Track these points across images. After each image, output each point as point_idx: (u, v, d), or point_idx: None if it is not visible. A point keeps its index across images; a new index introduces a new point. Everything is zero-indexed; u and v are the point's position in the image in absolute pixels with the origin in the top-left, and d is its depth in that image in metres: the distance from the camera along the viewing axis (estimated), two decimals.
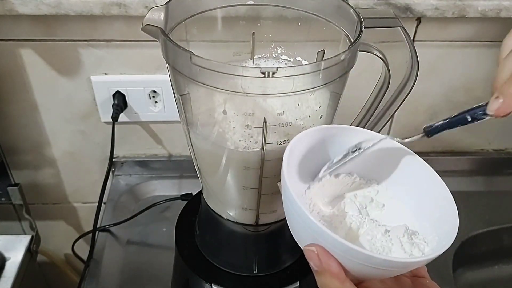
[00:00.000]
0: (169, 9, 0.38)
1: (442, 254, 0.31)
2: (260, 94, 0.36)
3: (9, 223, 0.88)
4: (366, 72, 0.52)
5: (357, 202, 0.39)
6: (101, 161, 0.81)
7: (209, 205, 0.49)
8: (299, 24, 0.46)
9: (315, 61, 0.44)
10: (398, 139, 0.36)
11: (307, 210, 0.30)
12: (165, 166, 0.82)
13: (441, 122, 0.33)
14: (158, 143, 0.81)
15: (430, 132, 0.34)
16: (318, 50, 0.44)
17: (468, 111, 0.31)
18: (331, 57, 0.35)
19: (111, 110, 0.72)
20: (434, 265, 0.34)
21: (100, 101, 0.73)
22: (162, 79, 0.71)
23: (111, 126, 0.72)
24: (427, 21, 0.68)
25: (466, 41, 0.71)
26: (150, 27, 0.37)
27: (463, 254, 0.71)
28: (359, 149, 0.37)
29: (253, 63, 0.49)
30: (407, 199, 0.38)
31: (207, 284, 0.49)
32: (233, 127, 0.40)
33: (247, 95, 0.35)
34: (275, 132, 0.40)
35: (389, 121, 0.62)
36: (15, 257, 0.69)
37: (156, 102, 0.74)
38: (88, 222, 0.90)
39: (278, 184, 0.36)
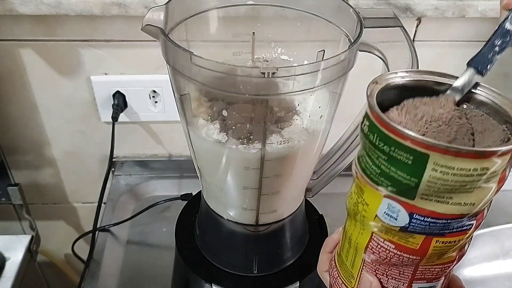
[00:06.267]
0: (169, 9, 0.38)
1: None
2: (260, 94, 0.36)
3: (9, 223, 0.88)
4: (366, 72, 0.52)
5: None
6: (101, 161, 0.81)
7: (209, 205, 0.49)
8: (299, 24, 0.46)
9: (315, 61, 0.44)
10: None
11: None
12: (165, 166, 0.82)
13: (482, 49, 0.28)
14: (158, 143, 0.81)
15: (479, 64, 0.28)
16: (318, 50, 0.44)
17: (499, 25, 0.29)
18: (331, 57, 0.35)
19: (111, 110, 0.72)
20: None
21: (100, 101, 0.73)
22: (162, 79, 0.71)
23: (111, 126, 0.72)
24: (427, 21, 0.68)
25: (466, 41, 0.71)
26: (150, 27, 0.37)
27: None
28: None
29: (253, 63, 0.49)
30: None
31: (207, 284, 0.49)
32: (233, 127, 0.40)
33: (247, 95, 0.35)
34: (275, 132, 0.40)
35: None
36: (15, 257, 0.69)
37: (156, 102, 0.74)
38: (88, 222, 0.90)
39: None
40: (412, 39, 0.68)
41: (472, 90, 0.29)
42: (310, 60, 0.46)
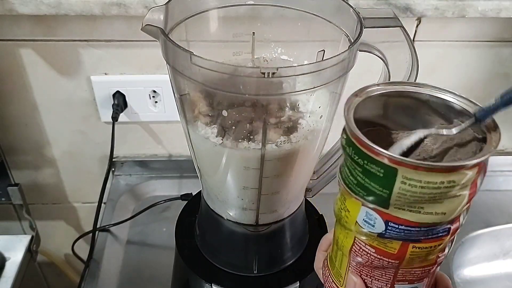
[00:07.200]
0: (169, 9, 0.38)
1: None
2: (260, 95, 0.36)
3: (9, 223, 0.88)
4: (366, 73, 0.52)
5: None
6: (101, 161, 0.81)
7: (209, 205, 0.49)
8: (299, 24, 0.46)
9: (315, 61, 0.44)
10: (445, 131, 0.31)
11: None
12: (165, 166, 0.82)
13: (492, 103, 0.29)
14: (158, 143, 0.81)
15: (481, 116, 0.28)
16: (318, 50, 0.44)
17: None
18: (331, 57, 0.35)
19: (111, 110, 0.72)
20: None
21: (100, 101, 0.73)
22: (162, 79, 0.71)
23: (111, 126, 0.72)
24: (427, 21, 0.68)
25: (466, 41, 0.71)
26: (150, 27, 0.37)
27: (463, 254, 0.71)
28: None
29: (253, 63, 0.49)
30: None
31: (207, 284, 0.49)
32: (233, 127, 0.40)
33: (247, 96, 0.35)
34: (275, 132, 0.40)
35: None
36: (15, 257, 0.69)
37: (156, 102, 0.74)
38: (88, 222, 0.90)
39: None
40: (412, 39, 0.68)
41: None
42: (310, 60, 0.46)
